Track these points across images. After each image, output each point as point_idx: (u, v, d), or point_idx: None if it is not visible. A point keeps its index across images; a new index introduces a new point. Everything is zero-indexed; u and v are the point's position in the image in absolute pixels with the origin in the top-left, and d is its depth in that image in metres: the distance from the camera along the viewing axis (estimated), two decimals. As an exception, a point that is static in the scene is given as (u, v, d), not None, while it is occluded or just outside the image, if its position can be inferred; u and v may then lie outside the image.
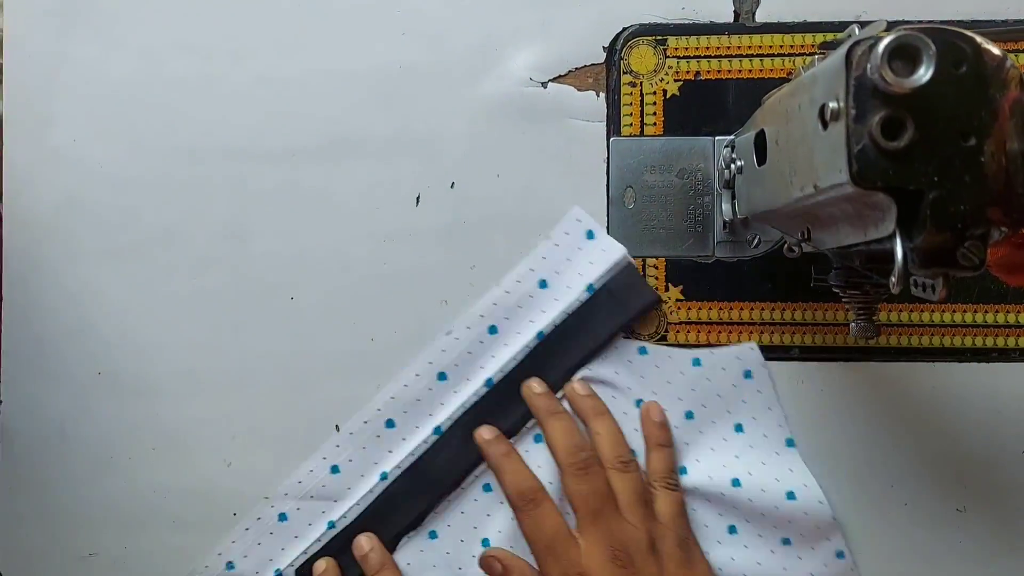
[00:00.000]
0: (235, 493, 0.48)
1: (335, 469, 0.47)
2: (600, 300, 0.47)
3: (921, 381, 0.47)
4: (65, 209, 0.49)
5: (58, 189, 0.49)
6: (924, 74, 0.25)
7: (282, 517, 0.47)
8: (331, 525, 0.47)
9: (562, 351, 0.47)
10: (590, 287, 0.47)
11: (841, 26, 0.47)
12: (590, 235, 0.48)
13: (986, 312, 0.47)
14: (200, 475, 0.48)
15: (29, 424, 0.49)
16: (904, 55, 0.26)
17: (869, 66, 0.26)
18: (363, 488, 0.47)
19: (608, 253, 0.47)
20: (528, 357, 0.47)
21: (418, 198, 0.49)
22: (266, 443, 0.48)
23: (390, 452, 0.48)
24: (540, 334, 0.47)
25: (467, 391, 0.47)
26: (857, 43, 0.27)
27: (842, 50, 0.27)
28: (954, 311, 0.47)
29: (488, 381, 0.47)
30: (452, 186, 0.49)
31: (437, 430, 0.47)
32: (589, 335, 0.47)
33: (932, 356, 0.47)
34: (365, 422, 0.48)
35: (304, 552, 0.47)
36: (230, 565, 0.47)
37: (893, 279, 0.28)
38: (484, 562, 0.46)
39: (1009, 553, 0.47)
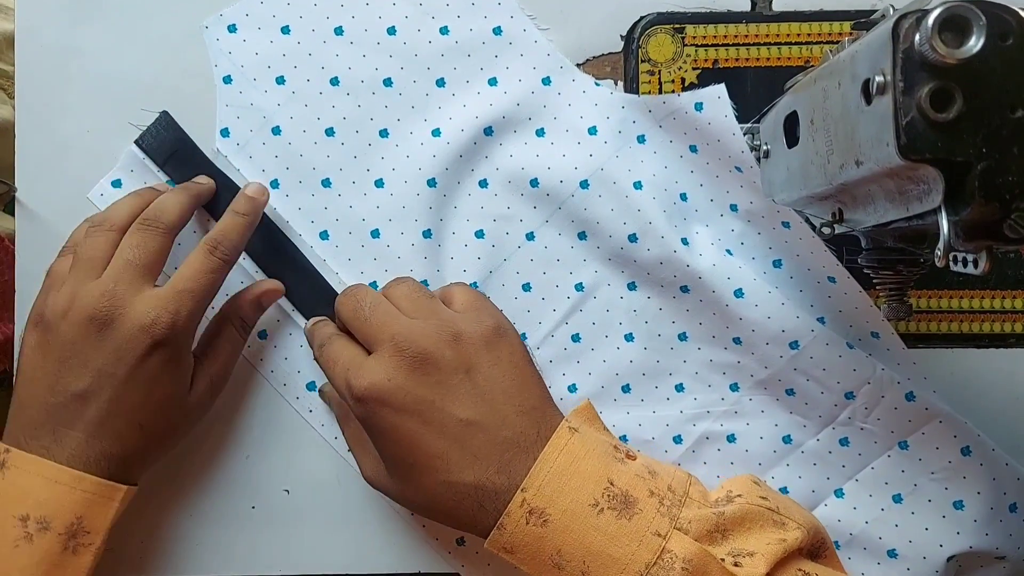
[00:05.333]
0: (253, 486, 0.48)
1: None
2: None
3: (939, 367, 0.47)
4: (78, 201, 0.48)
5: (71, 181, 0.49)
6: (974, 45, 0.26)
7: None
8: None
9: None
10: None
11: (857, 14, 0.47)
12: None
13: (1003, 298, 0.47)
14: (218, 468, 0.48)
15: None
16: (954, 26, 0.26)
17: (917, 38, 0.26)
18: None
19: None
20: None
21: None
22: (284, 436, 0.48)
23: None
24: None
25: None
26: (903, 16, 0.27)
27: (888, 24, 0.27)
28: (971, 297, 0.48)
29: None
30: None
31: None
32: None
33: (950, 342, 0.48)
34: None
35: None
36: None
37: (938, 253, 0.28)
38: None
39: None
